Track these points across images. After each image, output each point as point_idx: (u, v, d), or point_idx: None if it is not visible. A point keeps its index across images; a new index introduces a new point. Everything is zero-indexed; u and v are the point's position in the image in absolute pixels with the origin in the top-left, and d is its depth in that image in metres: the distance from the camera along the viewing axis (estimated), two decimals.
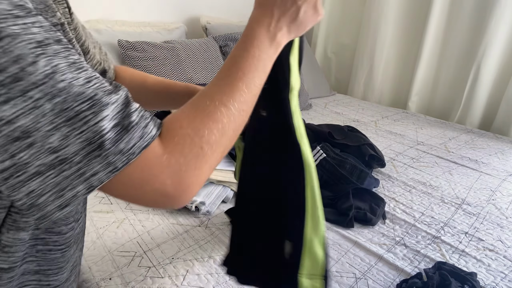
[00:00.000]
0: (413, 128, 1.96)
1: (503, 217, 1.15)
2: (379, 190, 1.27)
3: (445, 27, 2.20)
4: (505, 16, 1.92)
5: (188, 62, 1.77)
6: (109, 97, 0.35)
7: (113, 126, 0.34)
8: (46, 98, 0.31)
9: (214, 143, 0.41)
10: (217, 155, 0.41)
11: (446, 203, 1.21)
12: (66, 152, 0.32)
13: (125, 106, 0.36)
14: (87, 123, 0.33)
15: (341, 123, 1.91)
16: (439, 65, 2.28)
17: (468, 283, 0.81)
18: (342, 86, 2.84)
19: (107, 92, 0.35)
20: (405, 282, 0.81)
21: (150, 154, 0.36)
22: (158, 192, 0.37)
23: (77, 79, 0.33)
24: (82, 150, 0.33)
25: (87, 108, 0.33)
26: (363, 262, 0.90)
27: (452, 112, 2.26)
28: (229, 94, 0.43)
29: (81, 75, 0.34)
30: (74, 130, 0.32)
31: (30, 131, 0.31)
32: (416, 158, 1.56)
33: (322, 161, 1.23)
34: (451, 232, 1.05)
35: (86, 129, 0.33)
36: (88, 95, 0.33)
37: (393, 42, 2.42)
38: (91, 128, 0.33)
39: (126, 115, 0.35)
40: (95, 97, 0.34)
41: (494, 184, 1.36)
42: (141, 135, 0.36)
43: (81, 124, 0.32)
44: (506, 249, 0.99)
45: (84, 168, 0.33)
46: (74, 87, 0.33)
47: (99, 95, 0.34)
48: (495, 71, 2.04)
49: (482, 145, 1.76)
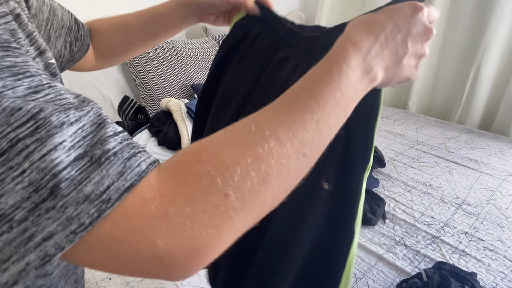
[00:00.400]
0: (413, 128, 1.96)
1: (503, 217, 1.15)
2: (379, 190, 1.27)
3: (445, 27, 2.19)
4: (505, 16, 1.92)
5: (188, 62, 1.77)
6: (65, 114, 0.23)
7: (74, 159, 0.23)
8: None
9: (248, 192, 0.26)
10: (249, 213, 0.27)
11: (446, 203, 1.21)
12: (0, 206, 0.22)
13: (96, 128, 0.24)
14: (28, 156, 0.22)
15: None
16: (439, 65, 2.28)
17: (468, 283, 0.81)
18: None
19: (64, 108, 0.24)
20: (405, 282, 0.81)
21: (135, 201, 0.24)
22: (143, 258, 0.24)
23: (13, 88, 0.23)
24: (25, 201, 0.22)
25: (29, 133, 0.22)
26: (363, 262, 0.90)
27: (452, 112, 2.26)
28: (289, 125, 0.29)
29: (22, 82, 0.23)
30: (9, 171, 0.21)
31: None
32: (416, 158, 1.56)
33: None
34: (451, 232, 1.05)
35: (28, 167, 0.22)
36: (30, 112, 0.22)
37: None
38: (36, 165, 0.22)
39: (98, 141, 0.24)
40: (40, 114, 0.22)
41: (494, 184, 1.36)
42: (121, 170, 0.24)
43: (20, 160, 0.22)
44: (506, 249, 0.99)
45: (32, 229, 0.22)
46: (4, 101, 0.22)
47: (47, 111, 0.23)
48: (495, 71, 2.04)
49: (482, 145, 1.76)
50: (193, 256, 0.25)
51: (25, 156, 0.22)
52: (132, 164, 0.25)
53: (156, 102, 1.62)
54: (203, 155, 0.27)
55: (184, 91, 1.70)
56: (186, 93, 1.71)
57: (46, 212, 0.22)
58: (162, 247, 0.24)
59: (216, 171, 0.26)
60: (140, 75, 1.64)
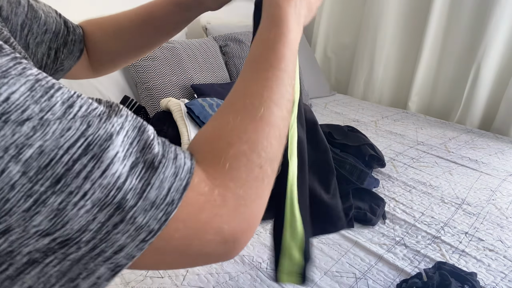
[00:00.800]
0: (413, 128, 1.96)
1: (503, 217, 1.15)
2: (379, 190, 1.27)
3: (445, 27, 2.20)
4: (505, 16, 1.92)
5: (188, 62, 1.77)
6: (110, 124, 0.22)
7: (130, 168, 0.22)
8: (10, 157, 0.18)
9: (274, 157, 0.31)
10: (274, 173, 0.31)
11: (446, 203, 1.21)
12: (65, 232, 0.21)
13: (138, 132, 0.24)
14: (88, 177, 0.20)
15: (341, 123, 1.91)
16: (439, 65, 2.28)
17: (468, 283, 0.81)
18: (342, 86, 2.84)
19: (104, 117, 0.22)
20: (405, 282, 0.81)
21: (195, 196, 0.25)
22: (211, 246, 0.26)
23: (50, 109, 0.20)
24: (91, 223, 0.21)
25: (82, 152, 0.20)
26: (363, 262, 0.90)
27: (452, 112, 2.26)
28: (276, 90, 0.33)
29: (55, 99, 0.21)
30: (69, 197, 0.20)
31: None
32: (416, 158, 1.56)
33: None
34: (451, 232, 1.05)
35: (90, 188, 0.20)
36: (79, 131, 0.21)
37: (393, 42, 2.42)
38: (98, 183, 0.21)
39: (145, 145, 0.24)
40: (88, 130, 0.21)
41: (494, 184, 1.36)
42: (174, 171, 0.24)
43: (79, 183, 0.20)
44: (506, 249, 0.99)
45: (102, 246, 0.22)
46: (52, 123, 0.20)
47: (94, 125, 0.21)
48: (495, 71, 2.04)
49: (482, 145, 1.76)
50: (250, 230, 0.28)
51: (85, 177, 0.20)
52: (180, 163, 0.25)
53: (156, 102, 1.62)
54: (231, 137, 0.29)
55: (184, 91, 1.70)
56: (186, 93, 1.71)
57: (114, 227, 0.22)
58: (227, 231, 0.26)
59: (250, 149, 0.29)
60: (140, 75, 1.64)
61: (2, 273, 0.21)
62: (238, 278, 0.82)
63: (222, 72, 1.91)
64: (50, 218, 0.20)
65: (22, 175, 0.19)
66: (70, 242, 0.21)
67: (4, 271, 0.21)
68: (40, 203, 0.19)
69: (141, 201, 0.22)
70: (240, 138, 0.29)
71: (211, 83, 1.81)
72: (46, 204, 0.20)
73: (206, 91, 1.66)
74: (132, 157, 0.22)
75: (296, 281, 0.57)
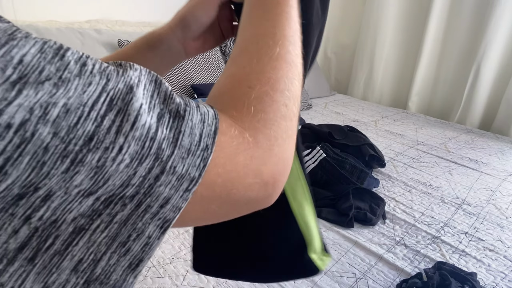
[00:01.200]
0: (413, 128, 1.96)
1: (503, 217, 1.15)
2: (379, 190, 1.27)
3: (445, 27, 2.20)
4: (505, 16, 1.92)
5: (188, 62, 1.77)
6: (129, 77, 0.21)
7: (157, 119, 0.21)
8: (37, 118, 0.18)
9: (297, 95, 0.30)
10: (298, 111, 0.30)
11: (446, 203, 1.21)
12: (108, 189, 0.20)
13: (155, 85, 0.23)
14: (120, 130, 0.20)
15: (341, 123, 1.91)
16: (439, 65, 2.28)
17: (468, 283, 0.81)
18: (342, 86, 2.84)
19: (120, 70, 0.22)
20: (405, 282, 0.81)
21: (227, 140, 0.24)
22: (253, 190, 0.26)
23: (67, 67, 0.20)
24: (133, 177, 0.21)
25: (107, 108, 0.20)
26: (363, 262, 0.90)
27: (452, 112, 2.26)
28: (288, 27, 0.32)
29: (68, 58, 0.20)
30: (105, 153, 0.20)
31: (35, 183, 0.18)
32: (416, 158, 1.56)
33: (322, 161, 1.23)
34: (451, 232, 1.05)
35: (124, 142, 0.20)
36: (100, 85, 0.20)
37: (393, 42, 2.42)
38: (131, 135, 0.20)
39: (166, 96, 0.23)
40: (108, 84, 0.20)
41: (494, 184, 1.36)
42: (201, 118, 0.24)
43: (113, 137, 0.20)
44: (506, 249, 0.99)
45: (147, 200, 0.21)
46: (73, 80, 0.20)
47: (113, 80, 0.21)
48: (495, 71, 2.05)
49: (482, 145, 1.76)
50: (286, 170, 0.28)
51: (116, 131, 0.20)
52: (204, 110, 0.24)
53: None
54: (250, 80, 0.28)
55: (184, 91, 1.70)
56: (186, 93, 1.71)
57: (156, 179, 0.21)
58: (266, 173, 0.26)
59: (271, 89, 0.28)
60: None
61: (49, 249, 0.20)
62: None
63: None
64: (91, 176, 0.19)
65: (54, 136, 0.18)
66: (114, 199, 0.21)
67: (51, 246, 0.20)
68: (77, 163, 0.19)
69: (176, 149, 0.22)
70: (260, 80, 0.28)
71: (211, 83, 1.81)
72: (84, 163, 0.19)
73: (206, 91, 1.66)
74: (156, 108, 0.22)
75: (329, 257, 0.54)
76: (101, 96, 0.20)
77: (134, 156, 0.20)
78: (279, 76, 0.29)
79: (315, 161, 1.23)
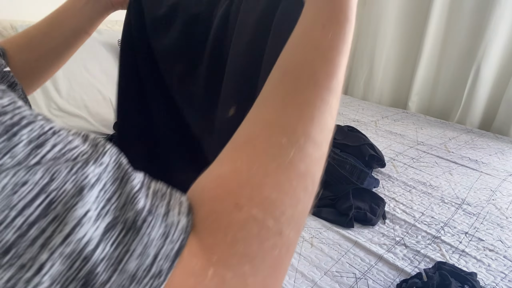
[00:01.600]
0: (413, 128, 1.96)
1: (503, 217, 1.15)
2: (379, 190, 1.27)
3: (445, 27, 2.20)
4: (505, 16, 1.92)
5: None
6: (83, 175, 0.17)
7: (104, 231, 0.17)
8: None
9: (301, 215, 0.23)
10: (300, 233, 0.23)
11: (446, 203, 1.21)
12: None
13: (120, 184, 0.18)
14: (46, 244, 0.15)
15: (341, 123, 1.91)
16: (439, 65, 2.28)
17: (468, 283, 0.81)
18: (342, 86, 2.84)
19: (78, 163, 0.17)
20: (405, 282, 0.81)
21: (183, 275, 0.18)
22: None
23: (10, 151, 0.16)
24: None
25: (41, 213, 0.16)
26: (363, 262, 0.90)
27: (452, 112, 2.26)
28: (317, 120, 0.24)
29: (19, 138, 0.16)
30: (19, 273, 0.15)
31: None
32: (416, 158, 1.56)
33: None
34: (451, 232, 1.05)
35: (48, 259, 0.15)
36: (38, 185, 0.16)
37: (393, 42, 2.42)
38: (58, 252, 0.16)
39: (127, 200, 0.18)
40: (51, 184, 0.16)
41: (494, 184, 1.36)
42: (164, 231, 0.18)
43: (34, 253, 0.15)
44: (506, 249, 0.99)
45: None
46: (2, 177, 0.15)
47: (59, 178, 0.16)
48: (495, 71, 2.04)
49: (482, 145, 1.76)
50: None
51: (42, 245, 0.15)
52: (173, 220, 0.19)
53: None
54: (240, 197, 0.21)
55: None
56: None
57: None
58: None
59: (264, 213, 0.21)
60: None
61: None
62: None
63: None
64: None
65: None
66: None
67: None
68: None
69: (115, 275, 0.16)
70: (252, 199, 0.21)
71: None
72: None
73: None
74: (109, 216, 0.17)
75: None
76: (37, 198, 0.16)
77: (57, 279, 0.15)
78: (281, 196, 0.22)
79: None
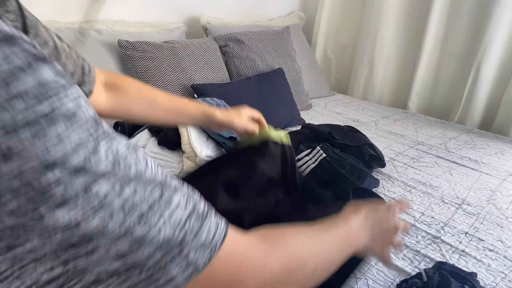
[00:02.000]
0: (413, 128, 1.96)
1: (503, 217, 1.15)
2: (379, 190, 1.27)
3: (445, 27, 2.20)
4: (505, 16, 1.92)
5: (188, 62, 1.77)
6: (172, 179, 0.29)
7: (189, 214, 0.28)
8: (115, 193, 0.23)
9: None
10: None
11: (446, 203, 1.21)
12: (136, 256, 0.25)
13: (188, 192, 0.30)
14: (162, 216, 0.26)
15: (341, 123, 1.91)
16: (439, 65, 2.28)
17: (468, 283, 0.81)
18: (342, 86, 2.84)
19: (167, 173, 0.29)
20: (405, 282, 0.81)
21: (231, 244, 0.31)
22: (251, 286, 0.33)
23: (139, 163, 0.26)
24: (158, 250, 0.26)
25: (159, 198, 0.26)
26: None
27: (452, 112, 2.26)
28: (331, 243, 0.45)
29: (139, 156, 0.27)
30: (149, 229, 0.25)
31: (92, 237, 0.23)
32: (416, 158, 1.56)
33: (322, 161, 1.23)
34: (451, 232, 1.05)
35: (163, 223, 0.26)
36: (158, 181, 0.27)
37: (393, 42, 2.42)
38: (169, 220, 0.26)
39: (195, 200, 0.30)
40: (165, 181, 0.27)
41: (494, 184, 1.36)
42: (216, 222, 0.30)
43: (157, 219, 0.25)
44: (506, 249, 0.99)
45: (158, 274, 0.26)
46: (142, 174, 0.26)
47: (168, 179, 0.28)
48: (495, 71, 2.04)
49: (482, 145, 1.76)
50: None
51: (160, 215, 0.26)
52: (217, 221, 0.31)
53: None
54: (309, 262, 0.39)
55: (184, 91, 1.70)
56: (186, 93, 1.71)
57: (173, 258, 0.26)
58: None
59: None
60: (140, 75, 1.64)
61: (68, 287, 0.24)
62: None
63: (222, 72, 1.91)
64: (131, 244, 0.24)
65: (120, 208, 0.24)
66: (136, 266, 0.25)
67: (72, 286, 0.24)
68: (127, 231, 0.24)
69: (195, 239, 0.27)
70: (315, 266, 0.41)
71: (211, 83, 1.81)
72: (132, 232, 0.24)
73: (206, 91, 1.66)
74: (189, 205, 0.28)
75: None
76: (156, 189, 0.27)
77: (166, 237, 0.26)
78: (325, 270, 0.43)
79: (315, 161, 1.23)
